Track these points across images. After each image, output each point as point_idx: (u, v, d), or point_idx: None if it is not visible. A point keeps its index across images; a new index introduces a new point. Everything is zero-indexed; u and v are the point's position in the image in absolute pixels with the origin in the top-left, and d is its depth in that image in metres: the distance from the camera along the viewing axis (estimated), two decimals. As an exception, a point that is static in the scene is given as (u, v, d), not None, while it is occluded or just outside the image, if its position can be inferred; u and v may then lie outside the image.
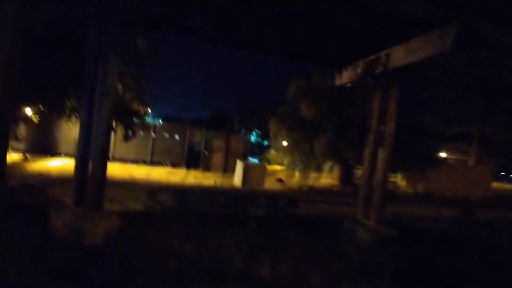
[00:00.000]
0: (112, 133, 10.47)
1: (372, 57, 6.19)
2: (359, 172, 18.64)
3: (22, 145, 12.96)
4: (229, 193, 8.69)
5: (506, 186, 24.50)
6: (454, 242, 5.98)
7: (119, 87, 9.02)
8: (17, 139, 8.72)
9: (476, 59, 5.62)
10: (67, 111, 9.09)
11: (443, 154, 23.95)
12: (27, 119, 9.60)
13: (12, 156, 12.29)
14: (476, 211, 9.08)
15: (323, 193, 12.65)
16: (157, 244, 4.39)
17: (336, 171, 17.79)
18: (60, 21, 5.00)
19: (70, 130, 14.52)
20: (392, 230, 5.76)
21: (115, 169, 12.12)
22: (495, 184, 19.49)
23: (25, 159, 12.37)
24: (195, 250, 4.43)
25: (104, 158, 4.81)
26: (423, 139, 14.98)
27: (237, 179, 12.91)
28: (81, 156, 4.81)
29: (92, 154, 4.71)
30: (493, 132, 21.96)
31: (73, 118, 12.09)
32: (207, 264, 4.10)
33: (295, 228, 5.67)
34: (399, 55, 5.58)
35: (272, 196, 7.78)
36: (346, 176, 16.25)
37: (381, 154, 6.21)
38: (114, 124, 11.03)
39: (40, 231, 4.23)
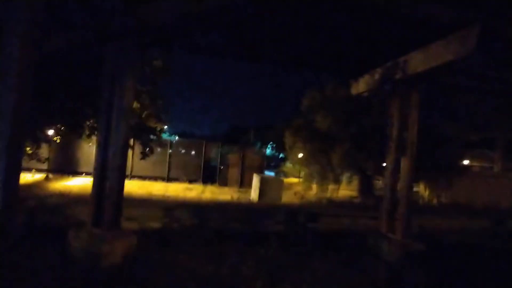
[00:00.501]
0: (130, 151, 10.58)
1: (390, 63, 6.03)
2: (378, 183, 18.14)
3: (44, 166, 13.28)
4: (247, 209, 8.54)
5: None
6: (487, 256, 5.59)
7: (136, 105, 9.15)
8: (39, 160, 8.90)
9: (499, 61, 5.37)
10: (86, 131, 9.26)
11: (466, 162, 23.05)
12: (48, 140, 9.84)
13: (35, 177, 12.62)
14: (508, 222, 8.54)
15: (343, 205, 12.28)
16: (176, 264, 4.28)
17: (355, 182, 17.35)
18: (76, 45, 5.10)
19: (90, 150, 14.86)
20: (420, 245, 5.44)
21: (134, 187, 12.21)
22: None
23: (47, 178, 12.67)
24: (215, 269, 4.29)
25: (121, 177, 4.78)
26: (446, 146, 14.46)
27: (254, 193, 12.74)
28: (99, 175, 4.80)
29: (109, 173, 4.70)
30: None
31: (93, 138, 12.33)
32: (228, 285, 3.95)
33: (317, 244, 5.45)
34: (419, 60, 5.40)
35: (291, 211, 7.57)
36: (366, 187, 15.80)
37: (404, 164, 5.95)
38: (131, 142, 11.18)
39: (58, 252, 4.21)
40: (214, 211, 7.04)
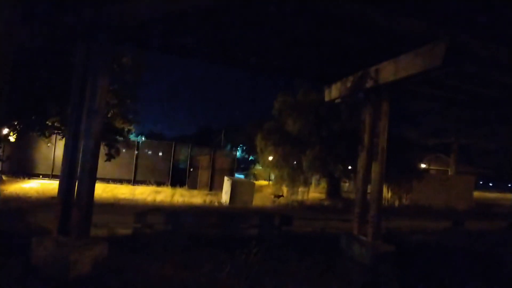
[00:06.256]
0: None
1: (362, 72, 6.24)
2: (345, 185, 18.73)
3: (-3, 167, 12.26)
4: (221, 213, 8.43)
5: (488, 195, 25.18)
6: (451, 255, 5.95)
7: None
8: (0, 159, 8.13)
9: (465, 73, 5.75)
10: (46, 131, 8.64)
11: (423, 165, 24.50)
12: (3, 139, 9.05)
13: (-14, 179, 11.58)
14: (465, 222, 9.18)
15: (314, 208, 12.53)
16: (151, 272, 4.11)
17: (323, 185, 17.78)
18: (46, 37, 4.74)
19: (49, 151, 13.93)
20: (390, 246, 5.66)
21: (97, 190, 11.55)
22: (476, 194, 19.99)
23: (1, 180, 11.69)
24: (192, 276, 4.17)
25: (91, 181, 4.50)
26: (407, 150, 15.27)
27: (225, 196, 12.62)
28: (66, 180, 4.49)
29: (78, 177, 4.40)
30: (472, 143, 22.68)
31: (53, 138, 11.54)
32: (205, 292, 3.86)
33: (292, 247, 5.49)
34: (390, 71, 5.63)
35: (265, 214, 7.58)
36: (334, 190, 16.27)
37: (375, 169, 6.17)
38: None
39: (22, 263, 3.87)
40: (187, 215, 6.86)
